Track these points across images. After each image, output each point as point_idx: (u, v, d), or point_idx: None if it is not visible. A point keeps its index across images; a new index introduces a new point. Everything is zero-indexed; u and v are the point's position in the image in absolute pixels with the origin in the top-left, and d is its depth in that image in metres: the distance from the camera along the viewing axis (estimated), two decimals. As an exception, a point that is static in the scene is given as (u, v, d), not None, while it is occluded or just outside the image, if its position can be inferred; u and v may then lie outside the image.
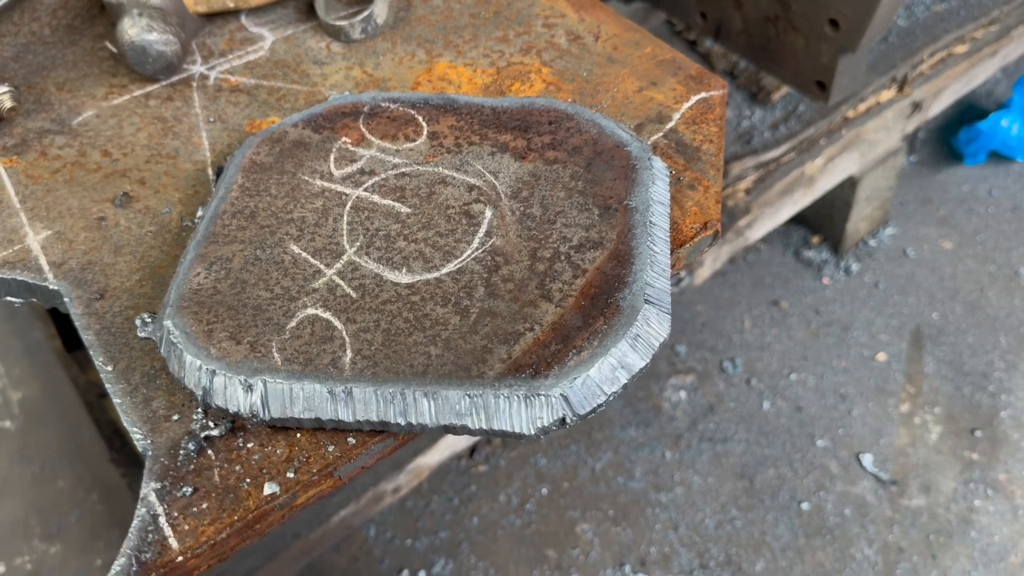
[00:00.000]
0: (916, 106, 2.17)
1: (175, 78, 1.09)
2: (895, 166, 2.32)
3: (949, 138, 2.76)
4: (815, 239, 2.52)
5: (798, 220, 2.54)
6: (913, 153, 2.78)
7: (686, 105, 0.99)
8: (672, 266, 0.86)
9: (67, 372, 1.93)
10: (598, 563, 1.95)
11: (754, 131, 2.03)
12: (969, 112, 2.82)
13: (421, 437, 0.93)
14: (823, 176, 2.10)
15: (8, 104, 1.04)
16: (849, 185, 2.27)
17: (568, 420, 0.72)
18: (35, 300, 0.91)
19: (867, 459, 2.07)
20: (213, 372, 0.74)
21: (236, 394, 0.73)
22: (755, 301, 2.42)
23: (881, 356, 2.27)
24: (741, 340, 2.33)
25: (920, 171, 2.73)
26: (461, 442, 1.87)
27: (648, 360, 0.75)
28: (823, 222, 2.48)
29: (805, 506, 2.01)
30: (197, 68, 1.11)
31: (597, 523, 2.01)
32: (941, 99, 2.25)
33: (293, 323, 0.77)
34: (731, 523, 2.00)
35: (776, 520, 1.99)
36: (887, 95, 2.08)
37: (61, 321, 1.90)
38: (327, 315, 0.78)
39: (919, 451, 2.09)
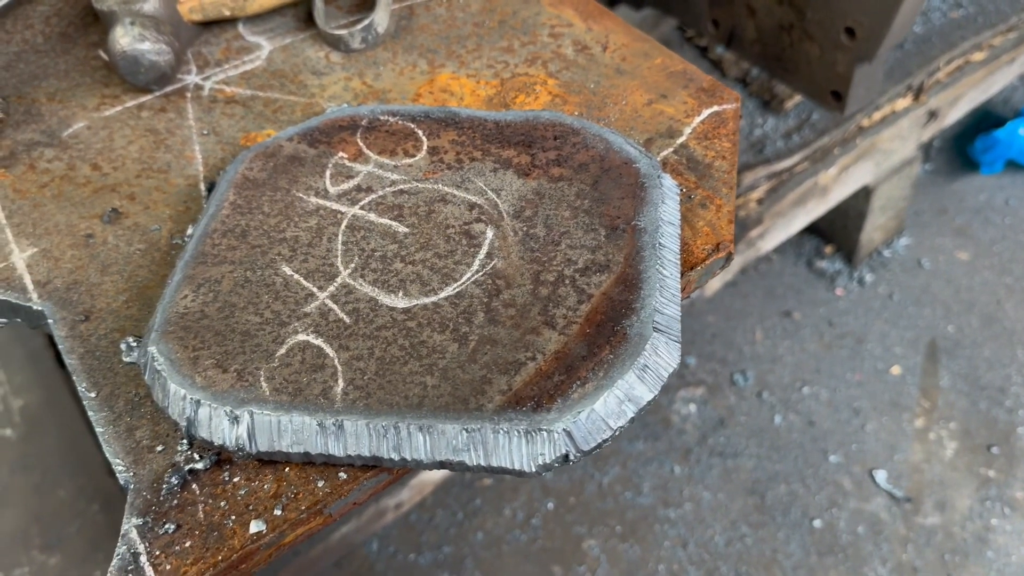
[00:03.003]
0: (932, 114, 2.12)
1: (169, 88, 1.06)
2: (910, 175, 2.27)
3: (965, 146, 2.70)
4: (828, 249, 2.47)
5: (811, 230, 2.49)
6: (928, 162, 2.73)
7: (697, 119, 0.95)
8: (682, 290, 0.82)
9: (69, 380, 1.91)
10: (605, 581, 1.91)
11: (767, 140, 1.98)
12: (986, 120, 2.76)
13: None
14: (837, 186, 2.05)
15: (-4, 115, 1.01)
16: (863, 195, 2.23)
17: (571, 457, 0.68)
18: (20, 321, 0.87)
19: (881, 475, 2.02)
20: (198, 402, 0.70)
21: (222, 426, 0.69)
22: (767, 312, 2.37)
23: (895, 369, 2.22)
24: (752, 352, 2.28)
25: (936, 180, 2.68)
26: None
27: (657, 392, 0.71)
28: (836, 232, 2.43)
29: (817, 523, 1.96)
30: (192, 78, 1.07)
31: (604, 539, 1.97)
32: (958, 107, 2.20)
33: (283, 350, 0.73)
34: (741, 540, 1.95)
35: (787, 538, 1.94)
36: (903, 103, 2.03)
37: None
38: (319, 342, 0.74)
39: (934, 467, 2.04)
